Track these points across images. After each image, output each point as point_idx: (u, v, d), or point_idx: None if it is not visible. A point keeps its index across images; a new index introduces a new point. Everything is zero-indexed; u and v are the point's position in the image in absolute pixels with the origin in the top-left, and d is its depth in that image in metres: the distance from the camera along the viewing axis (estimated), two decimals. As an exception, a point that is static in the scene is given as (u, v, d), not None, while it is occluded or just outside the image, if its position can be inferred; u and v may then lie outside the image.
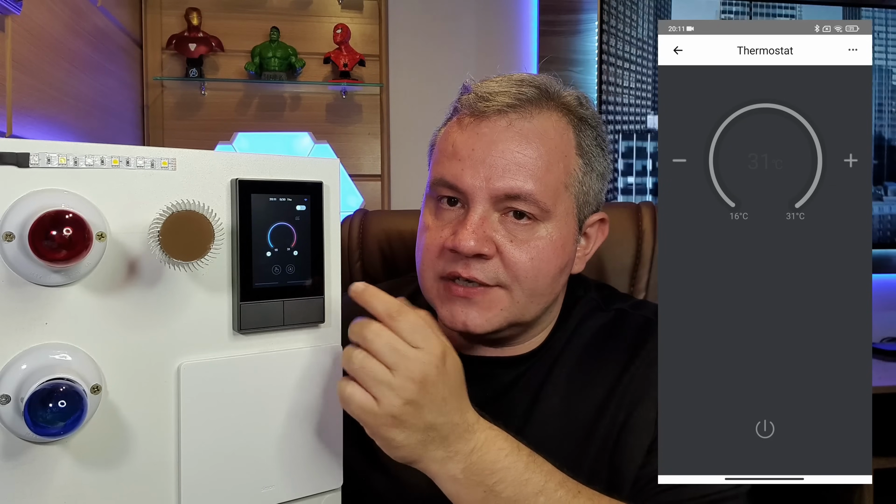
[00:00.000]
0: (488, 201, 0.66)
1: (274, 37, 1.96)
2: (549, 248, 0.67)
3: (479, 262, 0.66)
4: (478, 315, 0.67)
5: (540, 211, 0.66)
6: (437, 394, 0.56)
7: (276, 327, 0.56)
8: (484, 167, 0.66)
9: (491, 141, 0.66)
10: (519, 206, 0.66)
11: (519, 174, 0.65)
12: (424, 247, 0.70)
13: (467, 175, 0.66)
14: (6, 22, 1.09)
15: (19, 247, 0.45)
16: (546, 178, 0.66)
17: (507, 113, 0.67)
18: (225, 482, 0.55)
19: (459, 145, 0.68)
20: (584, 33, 2.17)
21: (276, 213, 0.56)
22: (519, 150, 0.66)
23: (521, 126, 0.67)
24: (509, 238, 0.67)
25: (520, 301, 0.68)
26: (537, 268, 0.67)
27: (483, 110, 0.68)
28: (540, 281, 0.68)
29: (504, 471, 0.57)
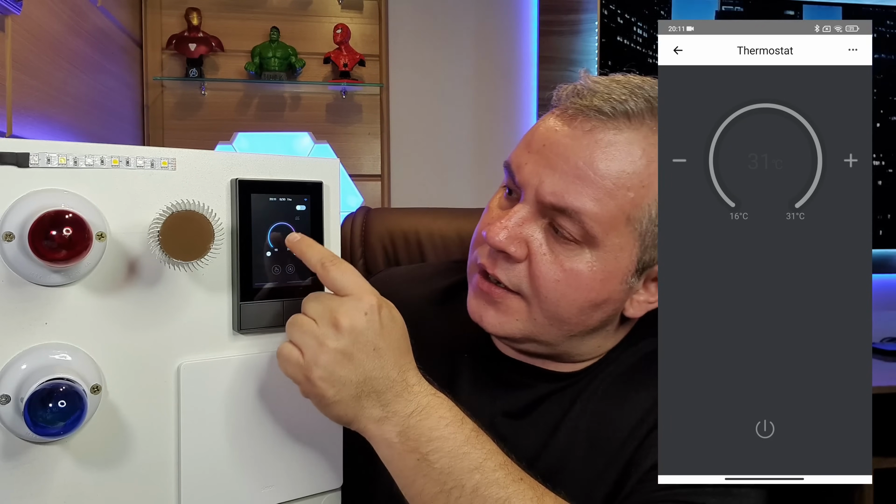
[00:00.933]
0: (534, 203, 0.61)
1: (274, 37, 1.96)
2: (584, 278, 0.60)
3: (506, 263, 0.62)
4: (494, 316, 0.64)
5: (584, 234, 0.59)
6: (366, 342, 0.53)
7: (276, 327, 0.56)
8: (544, 167, 0.60)
9: (563, 143, 0.60)
10: (563, 221, 0.59)
11: (573, 188, 0.58)
12: (476, 230, 0.67)
13: (527, 169, 0.61)
14: (6, 22, 1.09)
15: (19, 247, 0.45)
16: (606, 203, 0.58)
17: (593, 118, 0.59)
18: (225, 482, 0.55)
19: (537, 135, 0.62)
20: (584, 33, 2.17)
21: (276, 213, 0.56)
22: (587, 162, 0.58)
23: (603, 137, 0.59)
24: (546, 249, 0.61)
25: (538, 320, 0.63)
26: (562, 292, 0.61)
27: (571, 106, 0.61)
28: (562, 307, 0.61)
29: (441, 440, 0.54)
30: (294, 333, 0.53)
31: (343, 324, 0.52)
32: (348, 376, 0.53)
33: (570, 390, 0.68)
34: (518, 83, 2.18)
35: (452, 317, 0.72)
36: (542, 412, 0.68)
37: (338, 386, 0.53)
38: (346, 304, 0.53)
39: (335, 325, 0.52)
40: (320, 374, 0.52)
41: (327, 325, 0.52)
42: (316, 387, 0.53)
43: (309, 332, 0.53)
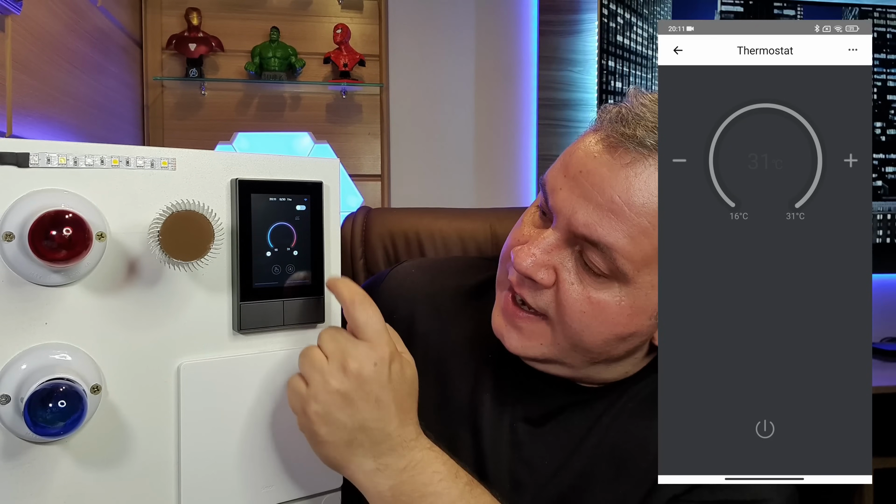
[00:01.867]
0: (566, 230, 0.59)
1: (274, 37, 1.96)
2: (611, 311, 0.58)
3: (535, 289, 0.61)
4: (517, 339, 0.63)
5: (614, 270, 0.57)
6: (370, 392, 0.53)
7: (275, 327, 0.56)
8: (579, 196, 0.57)
9: (601, 173, 0.57)
10: (593, 255, 0.57)
11: (607, 222, 0.56)
12: (507, 241, 0.66)
13: (561, 195, 0.59)
14: (6, 22, 1.09)
15: (19, 247, 0.45)
16: (638, 240, 0.56)
17: (633, 151, 0.56)
18: (225, 482, 0.55)
19: (575, 159, 0.59)
20: (584, 33, 2.17)
21: (276, 213, 0.56)
22: (623, 196, 0.55)
23: (642, 172, 0.56)
24: (574, 278, 0.59)
25: (562, 345, 0.61)
26: (587, 323, 0.59)
27: (613, 134, 0.57)
28: (586, 337, 0.60)
29: (435, 496, 0.54)
30: (304, 365, 0.54)
31: (351, 368, 0.53)
32: (344, 420, 0.53)
33: (597, 404, 0.66)
34: (518, 83, 2.18)
35: (480, 315, 0.71)
36: (562, 422, 0.67)
37: (331, 427, 0.53)
38: (358, 349, 0.53)
39: (343, 367, 0.53)
40: (316, 410, 0.53)
41: (336, 365, 0.53)
42: (310, 421, 0.53)
43: (317, 367, 0.53)
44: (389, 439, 0.54)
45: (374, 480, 0.54)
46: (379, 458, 0.54)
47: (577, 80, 2.17)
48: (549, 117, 2.16)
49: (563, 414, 0.67)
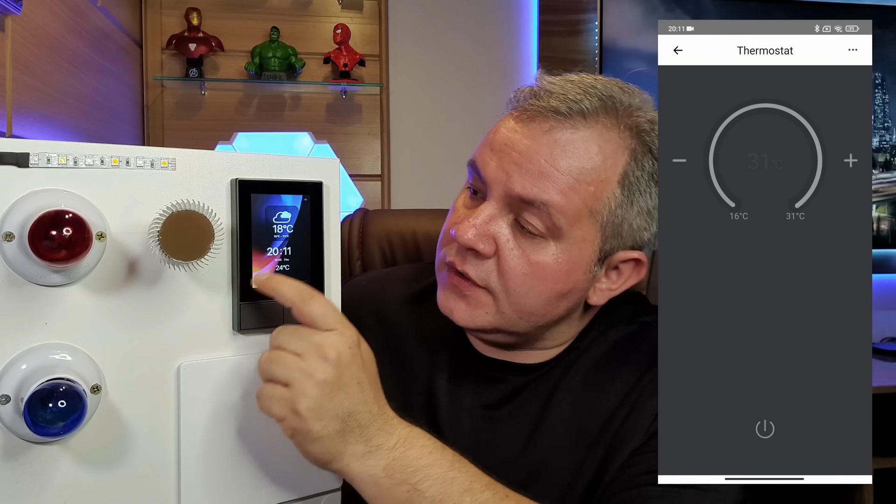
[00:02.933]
0: (503, 200, 0.63)
1: (274, 37, 1.96)
2: (550, 270, 0.63)
3: (474, 259, 0.64)
4: (464, 310, 0.66)
5: (551, 227, 0.61)
6: (352, 375, 0.53)
7: (275, 327, 0.56)
8: (509, 164, 0.62)
9: (525, 143, 0.62)
10: (530, 215, 0.61)
11: (539, 182, 0.61)
12: (443, 229, 0.69)
13: (492, 166, 0.63)
14: (6, 22, 1.09)
15: (19, 247, 0.45)
16: (569, 196, 0.61)
17: (550, 118, 0.62)
18: (225, 482, 0.55)
19: (499, 137, 0.64)
20: (584, 33, 2.17)
21: (276, 214, 0.56)
22: (549, 159, 0.61)
23: (561, 136, 0.61)
24: (513, 244, 0.63)
25: (506, 312, 0.65)
26: (529, 285, 0.63)
27: (529, 108, 0.63)
28: (530, 299, 0.64)
29: (428, 467, 0.54)
30: (276, 370, 0.52)
31: (330, 356, 0.52)
32: (335, 409, 0.52)
33: (545, 381, 0.70)
34: (518, 83, 2.17)
35: (429, 316, 0.74)
36: (518, 404, 0.70)
37: (325, 419, 0.52)
38: (331, 337, 0.53)
39: (323, 356, 0.52)
40: (308, 405, 0.51)
41: (315, 359, 0.52)
42: (303, 419, 0.52)
43: (294, 367, 0.52)
44: (376, 420, 0.54)
45: (366, 464, 0.54)
46: (370, 440, 0.54)
47: (577, 80, 2.17)
48: (549, 117, 2.16)
49: (519, 397, 0.70)
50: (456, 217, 0.67)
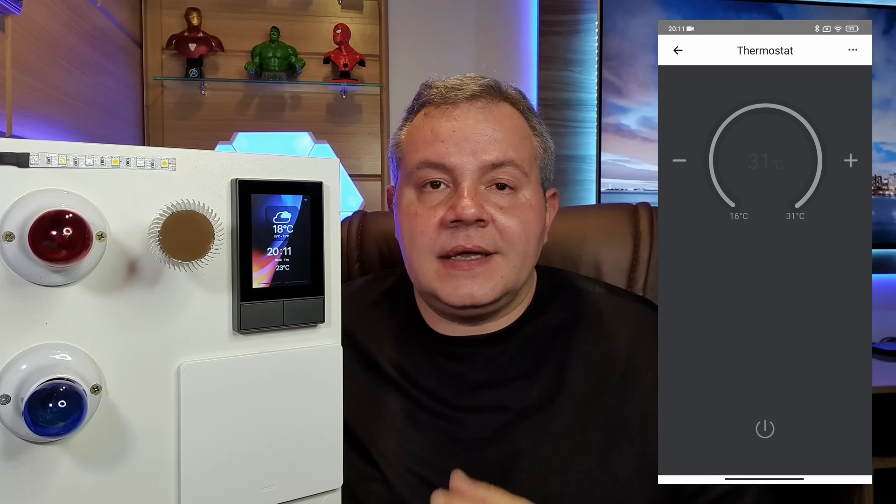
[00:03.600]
0: (475, 174, 0.71)
1: (274, 37, 1.96)
2: (531, 212, 0.73)
3: (479, 230, 0.70)
4: (481, 286, 0.70)
5: (522, 176, 0.72)
6: None
7: (276, 327, 0.56)
8: (468, 143, 0.71)
9: (469, 121, 0.72)
10: (504, 174, 0.71)
11: (500, 146, 0.71)
12: (419, 230, 0.72)
13: (452, 153, 0.71)
14: (6, 22, 1.09)
15: (19, 247, 0.45)
16: (521, 148, 0.73)
17: (478, 98, 0.73)
18: (225, 482, 0.55)
19: (438, 130, 0.73)
20: (584, 33, 2.17)
21: (276, 213, 0.56)
22: (495, 127, 0.72)
23: (492, 109, 0.73)
24: (497, 207, 0.71)
25: (515, 265, 0.72)
26: (527, 230, 0.72)
27: (454, 98, 0.73)
28: (530, 244, 0.72)
29: None
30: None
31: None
32: None
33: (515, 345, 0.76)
34: (518, 83, 2.17)
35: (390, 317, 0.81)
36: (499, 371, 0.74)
37: None
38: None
39: None
40: None
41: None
42: None
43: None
44: None
45: None
46: None
47: (577, 80, 2.17)
48: (549, 117, 2.16)
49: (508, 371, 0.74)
50: (430, 214, 0.72)
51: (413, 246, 0.73)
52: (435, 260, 0.71)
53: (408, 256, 0.75)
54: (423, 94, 0.78)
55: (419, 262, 0.73)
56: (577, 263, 0.96)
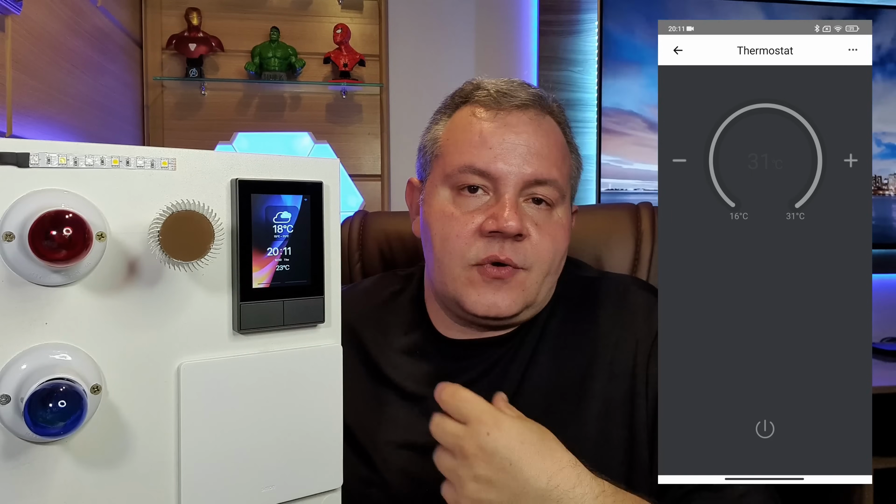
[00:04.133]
0: (518, 186, 0.70)
1: (274, 37, 1.96)
2: (562, 231, 0.73)
3: (514, 245, 0.69)
4: (505, 297, 0.70)
5: (559, 196, 0.72)
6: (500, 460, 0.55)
7: (276, 327, 0.56)
8: (517, 155, 0.70)
9: (520, 132, 0.71)
10: (542, 191, 0.71)
11: (546, 163, 0.71)
12: (455, 234, 0.71)
13: (500, 162, 0.70)
14: (6, 22, 1.09)
15: (19, 247, 0.45)
16: (562, 167, 0.73)
17: (528, 108, 0.72)
18: (225, 482, 0.55)
19: (488, 134, 0.71)
20: (584, 33, 2.17)
21: (276, 213, 0.56)
22: (542, 142, 0.71)
23: (540, 122, 0.72)
24: (533, 223, 0.71)
25: (537, 282, 0.71)
26: (556, 249, 0.72)
27: (506, 104, 0.72)
28: (556, 262, 0.73)
29: None
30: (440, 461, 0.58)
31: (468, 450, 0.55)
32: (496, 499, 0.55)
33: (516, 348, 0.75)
34: (518, 83, 2.18)
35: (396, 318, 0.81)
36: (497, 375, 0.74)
37: None
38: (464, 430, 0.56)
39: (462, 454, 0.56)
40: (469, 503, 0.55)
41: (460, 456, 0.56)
42: None
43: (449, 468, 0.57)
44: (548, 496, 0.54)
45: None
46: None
47: (577, 80, 2.17)
48: (549, 117, 2.16)
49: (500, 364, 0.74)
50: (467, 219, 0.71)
51: (445, 249, 0.71)
52: (468, 266, 0.70)
53: (437, 258, 0.73)
54: (471, 93, 0.75)
55: (450, 267, 0.71)
56: (577, 263, 0.96)
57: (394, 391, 0.75)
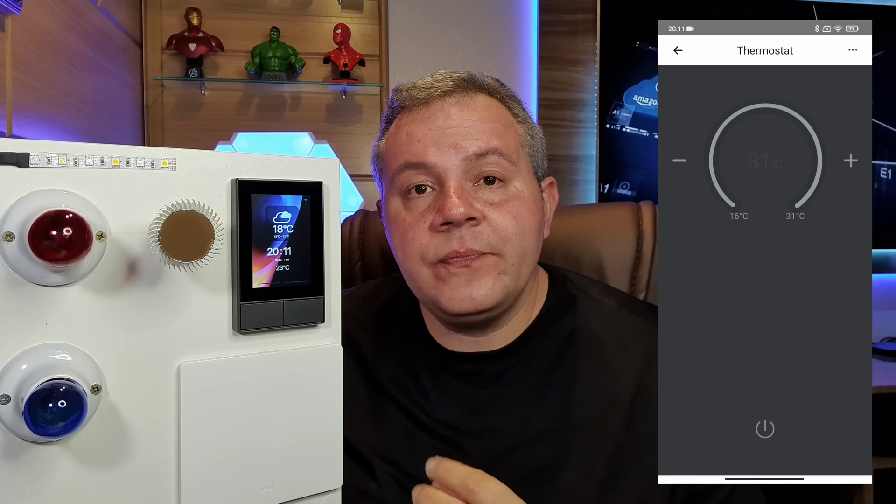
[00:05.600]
0: (459, 170, 0.67)
1: (274, 37, 1.96)
2: (524, 205, 0.69)
3: (472, 230, 0.66)
4: (480, 286, 0.67)
5: (509, 165, 0.68)
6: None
7: (276, 327, 0.56)
8: (446, 138, 0.68)
9: (446, 115, 0.69)
10: (489, 164, 0.68)
11: (482, 135, 0.68)
12: (410, 238, 0.69)
13: (431, 151, 0.68)
14: (6, 22, 1.09)
15: (19, 247, 0.45)
16: (505, 136, 0.69)
17: (451, 94, 0.70)
18: (225, 482, 0.55)
19: (414, 131, 0.70)
20: (584, 33, 2.17)
21: (276, 213, 0.56)
22: (474, 117, 0.69)
23: (468, 101, 0.70)
24: (488, 203, 0.68)
25: (514, 263, 0.68)
26: (522, 225, 0.68)
27: (426, 98, 0.71)
28: (527, 238, 0.69)
29: None
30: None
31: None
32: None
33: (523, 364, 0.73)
34: (518, 83, 2.18)
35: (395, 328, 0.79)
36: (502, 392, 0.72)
37: None
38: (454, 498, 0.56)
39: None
40: None
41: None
42: None
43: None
44: None
45: None
46: None
47: (577, 80, 2.17)
48: (549, 117, 2.16)
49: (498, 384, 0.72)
50: (418, 221, 0.69)
51: (406, 256, 0.70)
52: (431, 266, 0.68)
53: (403, 267, 0.72)
54: (395, 99, 0.74)
55: (416, 272, 0.70)
56: (579, 262, 0.95)
57: (393, 403, 0.74)
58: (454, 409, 0.71)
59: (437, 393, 0.73)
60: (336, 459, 0.60)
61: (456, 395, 0.72)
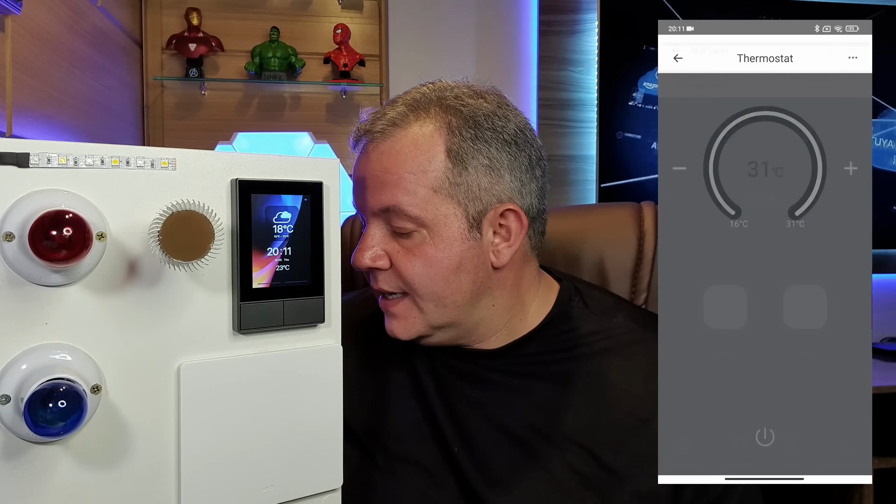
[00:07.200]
0: (375, 219, 0.70)
1: (274, 37, 1.95)
2: (432, 253, 0.68)
3: (383, 273, 0.70)
4: (398, 325, 0.71)
5: (411, 220, 0.67)
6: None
7: (276, 327, 0.56)
8: (361, 190, 0.71)
9: (365, 163, 0.70)
10: (392, 219, 0.68)
11: (386, 190, 0.67)
12: None
13: (356, 197, 0.72)
14: (6, 22, 1.09)
15: (19, 247, 0.45)
16: (410, 189, 0.67)
17: (374, 136, 0.70)
18: (225, 482, 0.55)
19: (353, 171, 0.73)
20: (584, 33, 2.17)
21: (277, 213, 0.56)
22: (381, 168, 0.68)
23: (383, 146, 0.69)
24: (399, 247, 0.69)
25: (428, 308, 0.69)
26: (427, 274, 0.68)
27: (359, 137, 0.72)
28: (437, 285, 0.68)
29: None
30: None
31: None
32: None
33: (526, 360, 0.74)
34: (518, 83, 2.18)
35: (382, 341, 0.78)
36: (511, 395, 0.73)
37: None
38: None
39: None
40: None
41: None
42: None
43: None
44: None
45: None
46: None
47: (577, 80, 2.17)
48: (549, 117, 2.16)
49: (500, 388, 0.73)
50: None
51: None
52: None
53: None
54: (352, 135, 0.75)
55: None
56: (579, 263, 0.95)
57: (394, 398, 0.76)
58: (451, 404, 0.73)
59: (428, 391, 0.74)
60: (336, 459, 0.61)
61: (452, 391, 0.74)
